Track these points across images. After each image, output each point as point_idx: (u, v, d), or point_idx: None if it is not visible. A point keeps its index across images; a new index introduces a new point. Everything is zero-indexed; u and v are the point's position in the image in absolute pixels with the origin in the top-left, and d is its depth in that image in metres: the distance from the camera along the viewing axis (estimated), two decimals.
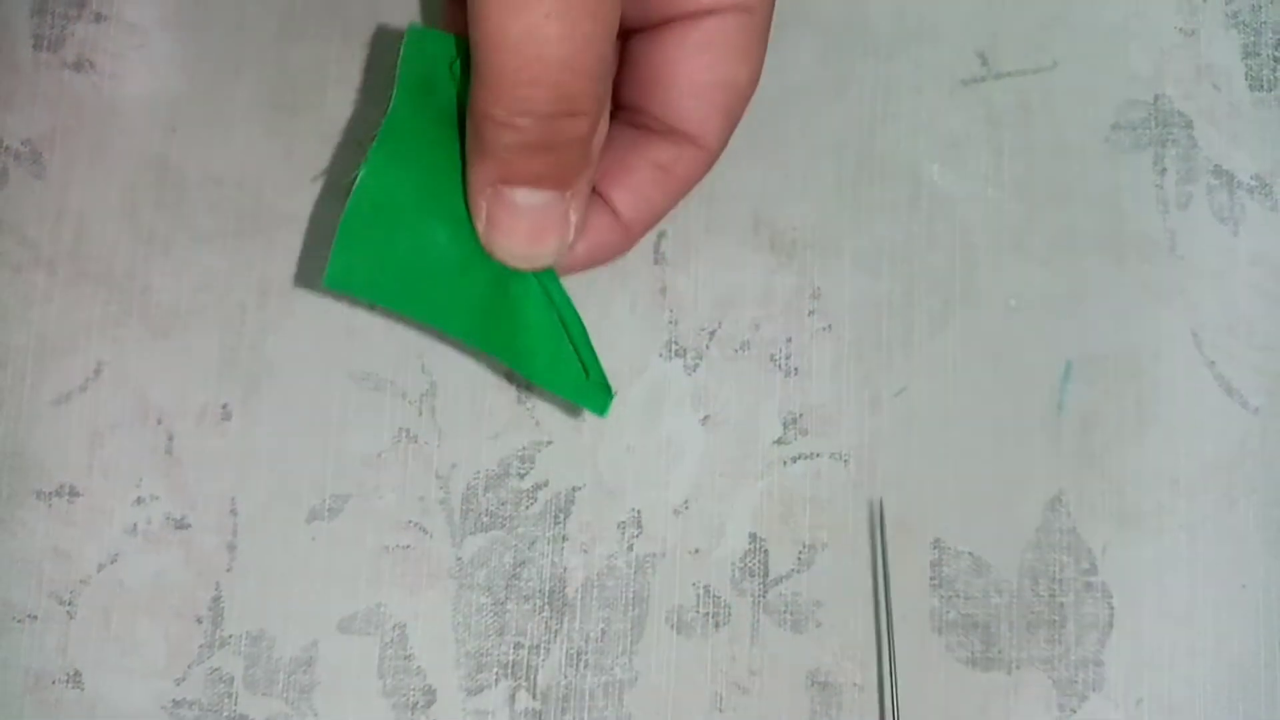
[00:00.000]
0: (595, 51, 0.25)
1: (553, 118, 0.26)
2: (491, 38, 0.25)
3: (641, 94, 0.31)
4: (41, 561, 0.36)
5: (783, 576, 0.36)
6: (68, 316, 0.37)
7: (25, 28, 0.38)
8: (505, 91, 0.25)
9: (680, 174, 0.31)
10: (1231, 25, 0.38)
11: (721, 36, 0.30)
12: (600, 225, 0.31)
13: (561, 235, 0.29)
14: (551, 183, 0.28)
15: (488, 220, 0.29)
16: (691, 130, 0.31)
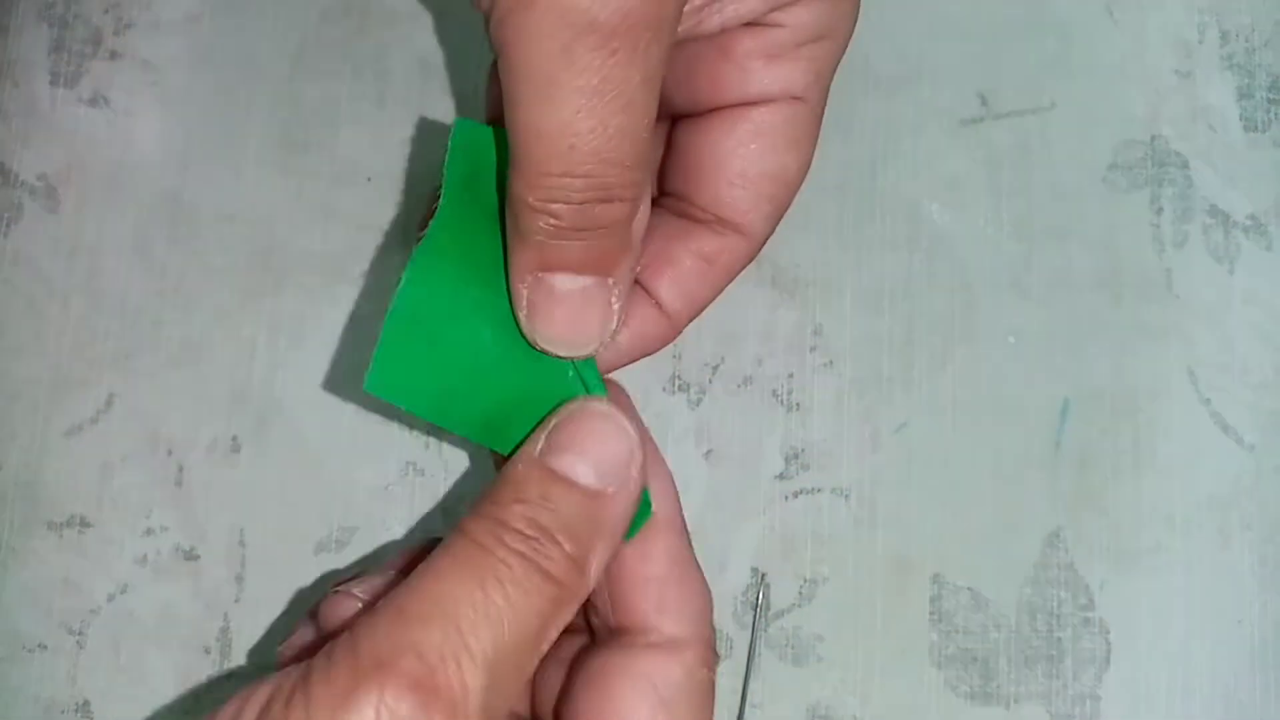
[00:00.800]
0: (630, 142, 0.25)
1: (587, 205, 0.25)
2: (526, 129, 0.25)
3: (687, 182, 0.30)
4: (52, 591, 0.36)
5: (784, 610, 0.37)
6: (80, 349, 0.37)
7: (43, 65, 0.39)
8: (539, 180, 0.25)
9: (724, 264, 0.31)
10: (1226, 67, 0.39)
11: (772, 126, 0.30)
12: (644, 317, 0.31)
13: (605, 321, 0.28)
14: (592, 269, 0.27)
15: (529, 307, 0.28)
16: (737, 220, 0.30)
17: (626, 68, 0.24)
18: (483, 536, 0.25)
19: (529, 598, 0.24)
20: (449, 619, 0.23)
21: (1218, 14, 0.39)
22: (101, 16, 0.39)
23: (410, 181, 0.39)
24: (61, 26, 0.39)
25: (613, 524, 0.26)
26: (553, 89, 0.24)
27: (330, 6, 0.39)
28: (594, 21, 0.23)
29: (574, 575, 0.25)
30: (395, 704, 0.22)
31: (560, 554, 0.25)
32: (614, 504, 0.26)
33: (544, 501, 0.26)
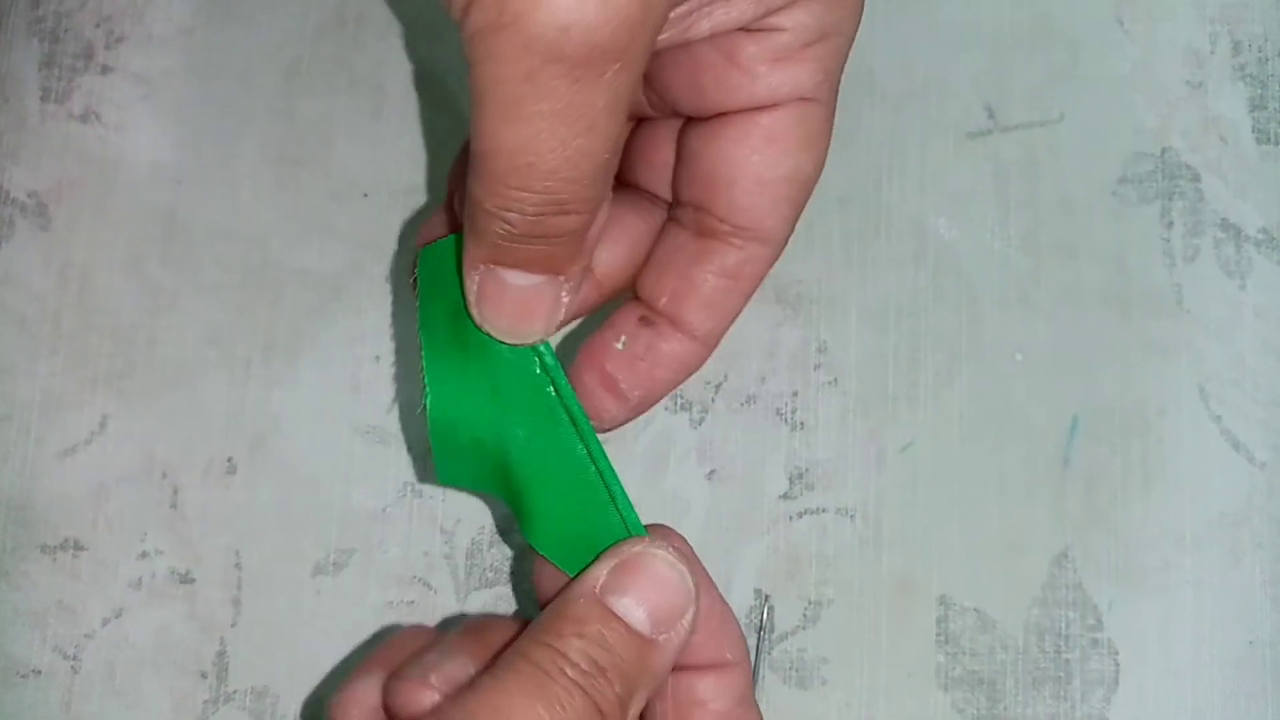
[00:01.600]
0: (589, 162, 0.25)
1: (542, 217, 0.26)
2: (486, 142, 0.25)
3: (703, 192, 0.30)
4: (46, 616, 0.36)
5: (788, 633, 0.36)
6: (73, 369, 0.37)
7: (33, 80, 0.38)
8: (496, 189, 0.25)
9: (749, 275, 0.31)
10: (1239, 78, 0.39)
11: (784, 130, 0.29)
12: (678, 350, 0.31)
13: (552, 313, 0.29)
14: (543, 269, 0.28)
15: (478, 293, 0.28)
16: (757, 227, 0.30)
17: (590, 94, 0.24)
18: (546, 664, 0.27)
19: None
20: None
21: (1229, 23, 0.39)
22: (93, 30, 0.38)
23: (408, 197, 0.38)
24: (52, 41, 0.38)
25: (659, 670, 0.28)
26: (516, 110, 0.24)
27: (326, 19, 0.39)
28: (560, 53, 0.23)
29: (617, 714, 0.27)
30: None
31: (612, 693, 0.27)
32: (663, 652, 0.28)
33: (601, 640, 0.27)
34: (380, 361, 0.37)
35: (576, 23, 0.23)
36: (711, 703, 0.29)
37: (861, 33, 0.38)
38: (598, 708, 0.26)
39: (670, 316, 0.31)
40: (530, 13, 0.23)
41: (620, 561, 0.28)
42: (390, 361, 0.37)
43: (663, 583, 0.28)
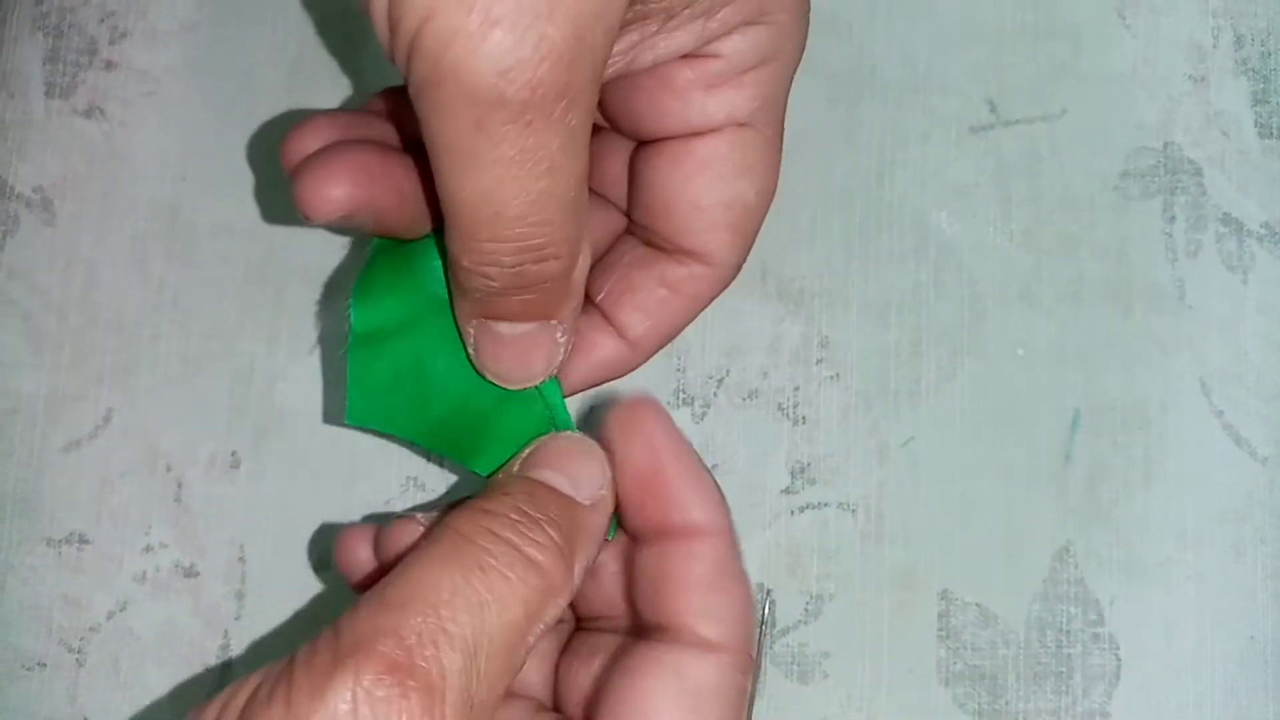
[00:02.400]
0: (555, 204, 0.25)
1: (520, 266, 0.26)
2: (450, 198, 0.25)
3: (647, 214, 0.30)
4: (51, 609, 0.36)
5: (790, 627, 0.36)
6: (78, 364, 0.37)
7: (38, 75, 0.38)
8: (469, 245, 0.25)
9: (690, 292, 0.31)
10: (1241, 72, 0.38)
11: (720, 156, 0.29)
12: (603, 345, 0.31)
13: (550, 356, 0.29)
14: (533, 317, 0.28)
15: (475, 348, 0.29)
16: (699, 250, 0.30)
17: (543, 135, 0.24)
18: (468, 528, 0.25)
19: (512, 586, 0.25)
20: (428, 604, 0.24)
21: (1232, 17, 0.39)
22: (97, 26, 0.39)
23: None
24: (56, 36, 0.39)
25: (592, 529, 0.27)
26: (471, 161, 0.24)
27: (328, 15, 0.39)
28: (503, 98, 0.23)
29: (560, 568, 0.26)
30: (371, 686, 0.22)
31: (548, 541, 0.26)
32: (592, 513, 0.27)
33: (530, 496, 0.26)
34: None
35: (514, 65, 0.23)
36: (682, 572, 0.28)
37: (863, 26, 0.39)
38: (528, 559, 0.25)
39: (604, 312, 0.31)
40: (467, 61, 0.23)
41: (533, 448, 0.28)
42: None
43: (575, 454, 0.28)
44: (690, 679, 0.26)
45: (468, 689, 0.23)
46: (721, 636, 0.27)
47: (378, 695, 0.22)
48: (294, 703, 0.22)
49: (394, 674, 0.23)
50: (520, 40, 0.23)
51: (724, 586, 0.27)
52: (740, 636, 0.27)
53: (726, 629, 0.27)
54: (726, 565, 0.28)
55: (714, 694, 0.26)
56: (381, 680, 0.22)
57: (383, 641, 0.23)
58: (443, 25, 0.23)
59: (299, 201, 0.28)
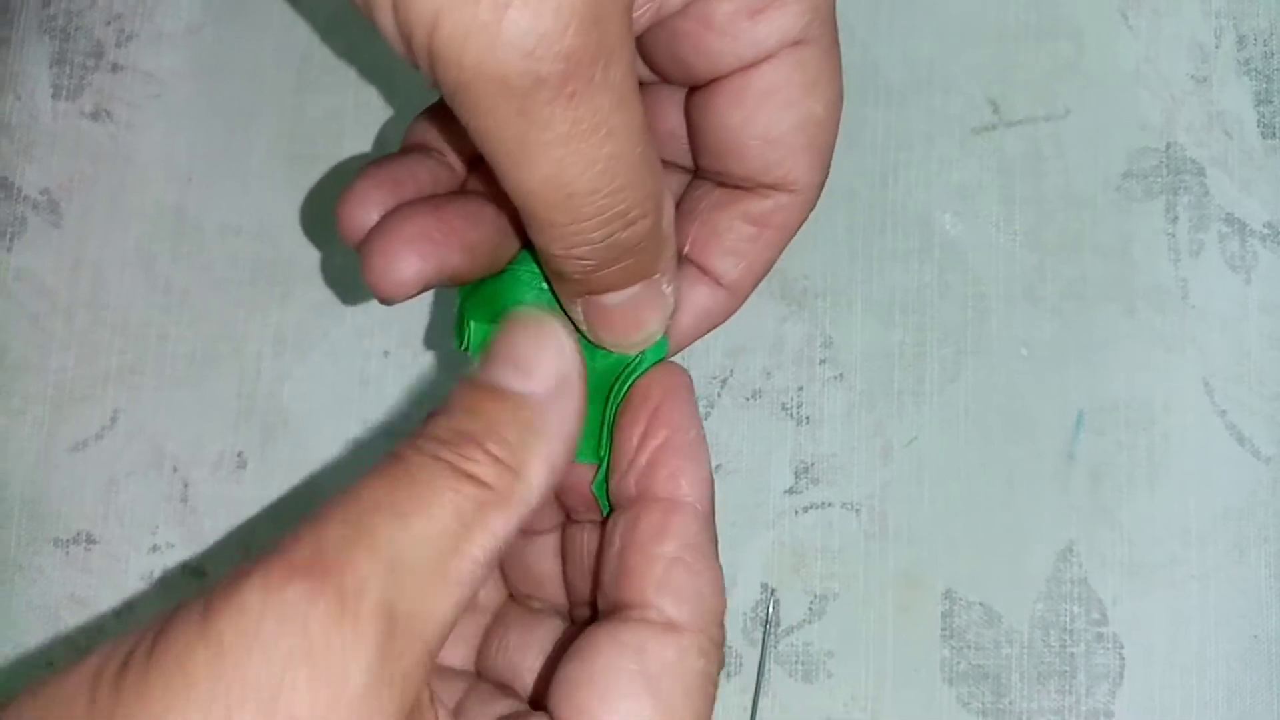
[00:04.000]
0: (625, 164, 0.24)
1: (610, 239, 0.25)
2: (518, 192, 0.24)
3: (717, 157, 0.29)
4: (58, 609, 0.36)
5: (794, 626, 0.36)
6: (85, 365, 0.37)
7: (44, 78, 0.38)
8: (553, 233, 0.25)
9: (779, 223, 0.29)
10: (1244, 72, 0.39)
11: (780, 81, 0.28)
12: (700, 295, 0.30)
13: (663, 310, 0.28)
14: (636, 279, 0.27)
15: (587, 322, 0.28)
16: (780, 181, 0.29)
17: (591, 101, 0.23)
18: (400, 449, 0.24)
19: (440, 495, 0.23)
20: (349, 517, 0.23)
21: (1235, 17, 0.39)
22: (103, 28, 0.39)
23: None
24: (63, 39, 0.39)
25: (552, 426, 0.25)
26: (526, 150, 0.23)
27: (334, 16, 0.39)
28: (538, 78, 0.22)
29: (503, 478, 0.24)
30: (280, 585, 0.21)
31: (484, 456, 0.24)
32: (551, 406, 0.25)
33: (469, 412, 0.25)
34: (389, 356, 0.37)
35: (538, 42, 0.22)
36: (650, 546, 0.26)
37: (866, 27, 0.39)
38: (460, 470, 0.24)
39: (695, 263, 0.30)
40: (490, 54, 0.22)
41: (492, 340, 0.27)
42: (399, 356, 0.37)
43: (530, 337, 0.26)
44: (649, 659, 0.25)
45: (388, 599, 0.22)
46: (685, 617, 0.26)
47: (285, 595, 0.21)
48: (209, 606, 0.22)
49: (305, 577, 0.21)
50: (538, 14, 0.22)
51: (692, 565, 0.26)
52: (705, 619, 0.26)
53: (691, 609, 0.26)
54: (698, 545, 0.27)
55: (674, 676, 0.25)
56: (291, 582, 0.21)
57: (297, 548, 0.22)
58: (454, 26, 0.22)
59: (372, 289, 0.27)
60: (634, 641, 0.25)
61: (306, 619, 0.21)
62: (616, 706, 0.25)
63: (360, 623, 0.21)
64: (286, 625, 0.21)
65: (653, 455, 0.27)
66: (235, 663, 0.21)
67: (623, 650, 0.25)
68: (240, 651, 0.21)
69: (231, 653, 0.21)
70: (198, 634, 0.21)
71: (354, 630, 0.21)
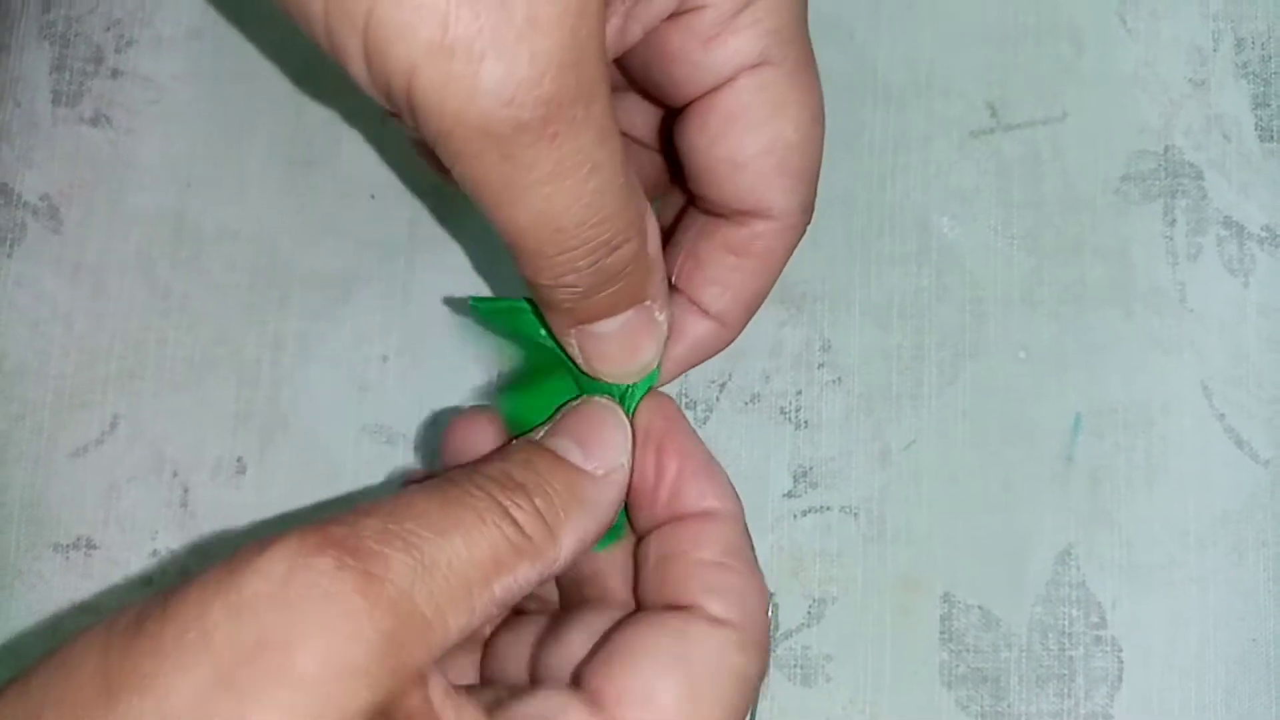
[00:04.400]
0: (609, 195, 0.24)
1: (596, 265, 0.25)
2: (508, 229, 0.24)
3: (695, 182, 0.29)
4: (58, 614, 0.36)
5: (792, 630, 0.36)
6: (84, 370, 0.37)
7: (44, 83, 0.39)
8: (541, 265, 0.25)
9: (759, 251, 0.29)
10: (1241, 75, 0.39)
11: (742, 105, 0.28)
12: (691, 324, 0.30)
13: (656, 337, 0.28)
14: (625, 305, 0.27)
15: (582, 354, 0.28)
16: (754, 207, 0.29)
17: (574, 140, 0.23)
18: (457, 475, 0.25)
19: (484, 529, 0.24)
20: (392, 514, 0.23)
21: (1233, 20, 0.39)
22: (102, 34, 0.39)
23: None
24: (62, 44, 0.39)
25: (596, 503, 0.26)
26: (512, 192, 0.23)
27: None
28: (519, 124, 0.22)
29: (541, 533, 0.25)
30: (312, 552, 0.22)
31: (529, 505, 0.25)
32: (600, 485, 0.27)
33: (526, 462, 0.26)
34: (388, 361, 0.37)
35: (516, 90, 0.22)
36: (691, 552, 0.27)
37: (865, 30, 0.39)
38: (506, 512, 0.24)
39: (684, 292, 0.30)
40: (469, 104, 0.22)
41: (559, 415, 0.28)
42: (398, 362, 0.37)
43: (597, 421, 0.27)
44: (690, 643, 0.25)
45: (411, 592, 0.22)
46: (728, 613, 0.26)
47: (315, 563, 0.22)
48: (234, 563, 0.22)
49: (338, 551, 0.22)
50: (512, 64, 0.22)
51: (734, 567, 0.27)
52: (748, 616, 0.26)
53: (734, 607, 0.26)
54: (737, 548, 0.27)
55: (711, 664, 0.25)
56: (323, 551, 0.22)
57: (335, 527, 0.22)
58: (430, 78, 0.22)
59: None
60: (678, 626, 0.26)
61: (330, 590, 0.22)
62: (650, 682, 0.25)
63: (379, 607, 0.22)
64: (311, 591, 0.21)
65: (674, 485, 0.28)
66: (253, 618, 0.21)
67: (665, 631, 0.26)
68: (260, 608, 0.21)
69: (250, 608, 0.21)
70: (216, 590, 0.21)
71: (373, 610, 0.22)
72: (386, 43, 0.22)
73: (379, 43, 0.22)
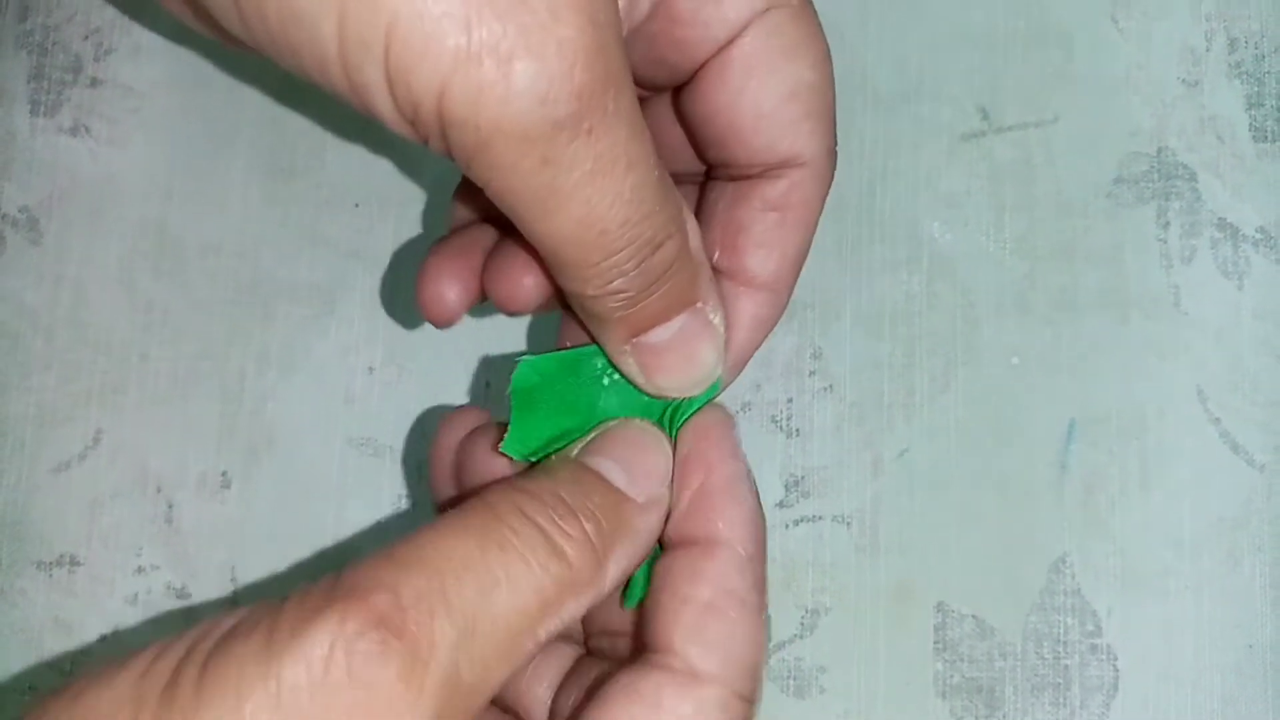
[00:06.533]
0: (649, 189, 0.24)
1: (643, 265, 0.25)
2: (549, 241, 0.24)
3: (721, 147, 0.28)
4: (42, 632, 0.36)
5: (785, 642, 0.36)
6: (66, 384, 0.37)
7: (22, 93, 0.38)
8: (588, 274, 0.24)
9: (799, 202, 0.28)
10: (1235, 76, 0.38)
11: (759, 51, 0.27)
12: (744, 303, 0.29)
13: (714, 340, 0.27)
14: (677, 308, 0.26)
15: (641, 371, 0.27)
16: (787, 156, 0.28)
17: (609, 134, 0.23)
18: (498, 501, 0.24)
19: (530, 571, 0.23)
20: (435, 568, 0.22)
21: (1225, 20, 0.38)
22: (81, 43, 0.38)
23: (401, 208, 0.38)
24: (40, 54, 0.38)
25: (638, 530, 0.25)
26: (555, 197, 0.23)
27: None
28: (556, 121, 0.22)
29: (589, 562, 0.24)
30: (354, 635, 0.21)
31: (580, 532, 0.24)
32: (644, 512, 0.26)
33: (573, 483, 0.25)
34: (373, 373, 0.37)
35: (549, 86, 0.22)
36: (683, 588, 0.25)
37: (854, 33, 0.38)
38: (554, 546, 0.23)
39: (729, 272, 0.29)
40: (505, 108, 0.22)
41: (596, 434, 0.27)
42: (384, 373, 0.37)
43: (638, 444, 0.26)
44: (664, 713, 0.24)
45: (456, 666, 0.22)
46: (711, 667, 0.25)
47: (358, 647, 0.21)
48: (274, 637, 0.21)
49: (380, 629, 0.21)
50: (543, 58, 0.22)
51: (727, 612, 0.25)
52: (733, 671, 0.25)
53: (719, 660, 0.25)
54: (735, 590, 0.26)
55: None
56: (365, 632, 0.21)
57: (377, 593, 0.21)
58: (463, 89, 0.21)
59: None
60: (650, 694, 0.24)
61: (375, 677, 0.21)
62: None
63: (424, 693, 0.21)
64: (354, 679, 0.21)
65: (692, 499, 0.27)
66: (294, 711, 0.21)
67: (637, 702, 0.24)
68: (301, 698, 0.21)
69: (291, 697, 0.21)
70: (257, 670, 0.21)
71: (418, 698, 0.21)
72: (411, 63, 0.21)
73: (402, 67, 0.21)
